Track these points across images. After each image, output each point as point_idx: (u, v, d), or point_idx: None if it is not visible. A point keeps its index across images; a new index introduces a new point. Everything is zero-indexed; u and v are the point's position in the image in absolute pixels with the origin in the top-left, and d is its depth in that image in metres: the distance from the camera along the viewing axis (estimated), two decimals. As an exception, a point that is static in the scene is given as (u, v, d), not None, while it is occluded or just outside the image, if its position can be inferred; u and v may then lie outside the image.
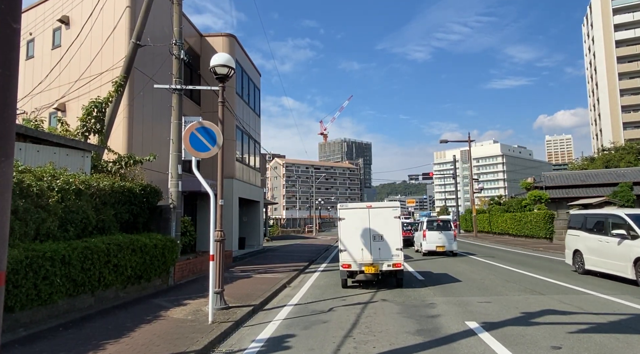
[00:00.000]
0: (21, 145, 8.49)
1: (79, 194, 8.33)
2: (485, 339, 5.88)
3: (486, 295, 9.44)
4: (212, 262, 7.30)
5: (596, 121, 71.00)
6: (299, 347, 5.75)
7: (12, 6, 2.32)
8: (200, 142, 7.62)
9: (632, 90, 65.09)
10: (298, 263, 16.90)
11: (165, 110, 14.51)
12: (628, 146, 48.58)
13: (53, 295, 6.87)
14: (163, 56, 14.64)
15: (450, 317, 7.36)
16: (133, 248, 9.04)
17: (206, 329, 6.42)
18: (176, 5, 11.61)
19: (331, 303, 9.00)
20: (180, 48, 11.55)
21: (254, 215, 25.94)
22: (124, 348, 5.51)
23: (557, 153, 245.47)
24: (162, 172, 14.45)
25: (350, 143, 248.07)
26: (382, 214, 10.74)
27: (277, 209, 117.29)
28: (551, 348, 5.47)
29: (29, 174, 7.36)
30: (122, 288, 9.04)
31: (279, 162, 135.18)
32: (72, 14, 15.95)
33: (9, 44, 2.30)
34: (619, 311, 7.65)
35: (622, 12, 66.62)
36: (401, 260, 10.52)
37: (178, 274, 11.65)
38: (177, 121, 11.43)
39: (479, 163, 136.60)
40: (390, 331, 6.51)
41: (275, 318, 7.59)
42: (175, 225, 11.53)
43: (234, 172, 20.71)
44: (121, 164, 11.87)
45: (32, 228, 7.09)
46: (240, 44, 22.66)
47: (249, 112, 24.20)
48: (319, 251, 24.00)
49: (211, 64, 8.26)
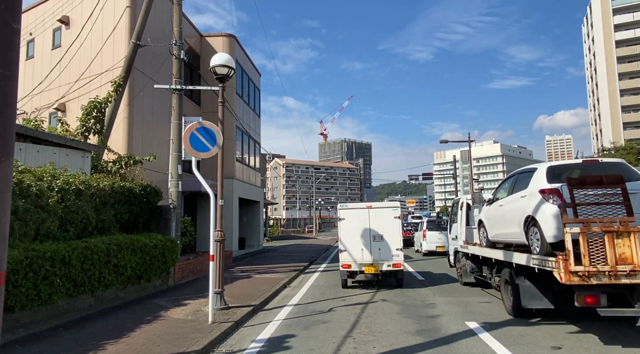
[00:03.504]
0: (21, 145, 8.49)
1: (79, 194, 8.33)
2: (486, 340, 5.89)
3: (486, 295, 9.44)
4: (212, 262, 7.30)
5: (596, 121, 71.00)
6: (299, 347, 5.75)
7: (12, 6, 2.32)
8: (200, 142, 7.62)
9: (632, 90, 65.07)
10: (298, 263, 16.90)
11: (165, 110, 14.51)
12: (628, 146, 48.47)
13: (53, 295, 6.86)
14: (163, 56, 14.65)
15: (451, 317, 7.36)
16: (133, 248, 9.04)
17: (206, 329, 6.42)
18: (176, 5, 11.61)
19: (331, 303, 9.00)
20: (180, 48, 11.55)
21: (254, 215, 25.94)
22: (124, 348, 5.51)
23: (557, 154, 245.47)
24: (162, 172, 14.45)
25: (350, 144, 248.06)
26: (382, 214, 10.74)
27: (277, 209, 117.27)
28: (551, 348, 5.47)
29: (29, 174, 7.36)
30: (122, 288, 9.04)
31: (279, 162, 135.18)
32: (72, 14, 15.95)
33: (9, 44, 2.30)
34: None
35: (622, 12, 66.59)
36: (401, 260, 10.53)
37: (178, 274, 11.65)
38: (177, 121, 11.43)
39: (479, 164, 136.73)
40: (390, 331, 6.51)
41: (275, 318, 7.59)
42: (175, 225, 11.53)
43: (234, 172, 20.71)
44: (121, 164, 11.87)
45: (32, 228, 7.09)
46: (240, 44, 22.67)
47: (249, 112, 24.21)
48: (319, 252, 24.00)
49: (211, 64, 8.26)
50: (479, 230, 9.94)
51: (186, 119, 10.31)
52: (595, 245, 5.41)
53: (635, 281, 5.30)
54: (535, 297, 6.73)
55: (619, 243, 5.35)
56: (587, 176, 6.01)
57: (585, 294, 5.67)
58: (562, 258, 5.47)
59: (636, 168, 7.00)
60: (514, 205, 7.53)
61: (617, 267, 5.28)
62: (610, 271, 5.30)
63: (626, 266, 5.26)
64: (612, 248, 5.34)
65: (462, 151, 53.88)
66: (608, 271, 5.30)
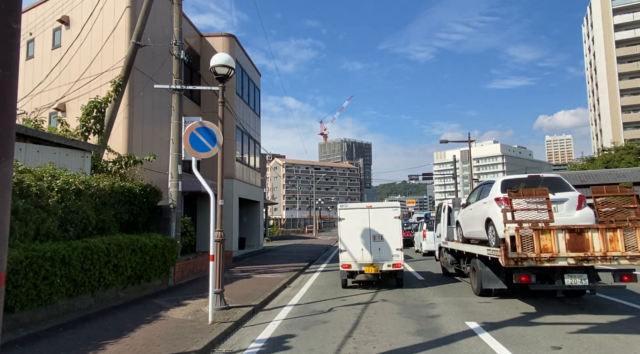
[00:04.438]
0: (21, 145, 8.49)
1: (79, 194, 8.33)
2: (486, 340, 5.89)
3: (486, 295, 9.43)
4: (212, 262, 7.30)
5: (596, 121, 70.98)
6: (299, 347, 5.75)
7: (12, 6, 2.32)
8: (201, 142, 7.62)
9: (632, 91, 65.05)
10: (298, 263, 16.90)
11: (165, 110, 14.51)
12: (628, 146, 48.51)
13: (53, 295, 6.86)
14: (163, 56, 14.65)
15: (451, 317, 7.36)
16: (133, 248, 9.04)
17: (206, 329, 6.42)
18: (176, 5, 11.61)
19: (331, 303, 9.00)
20: (180, 48, 11.55)
21: (254, 215, 25.94)
22: (124, 348, 5.51)
23: (557, 154, 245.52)
24: (162, 172, 14.45)
25: (350, 144, 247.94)
26: (382, 214, 10.74)
27: (277, 209, 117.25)
28: (551, 348, 5.47)
29: (29, 174, 7.36)
30: (122, 288, 9.04)
31: (279, 162, 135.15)
32: (72, 14, 15.95)
33: (9, 44, 2.30)
34: (618, 312, 7.65)
35: (622, 12, 66.57)
36: (401, 260, 10.53)
37: (178, 274, 11.65)
38: (177, 121, 11.43)
39: (479, 164, 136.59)
40: (390, 331, 6.51)
41: (276, 318, 7.59)
42: (175, 225, 11.53)
43: (234, 172, 20.71)
44: (121, 164, 11.87)
45: (32, 228, 7.09)
46: (240, 44, 22.67)
47: (249, 112, 24.21)
48: (319, 252, 24.00)
49: (211, 64, 8.26)
50: (456, 229, 11.72)
51: (186, 119, 10.30)
52: (526, 239, 7.20)
53: (554, 264, 7.18)
54: (492, 280, 8.66)
55: (542, 238, 7.19)
56: (522, 189, 7.78)
57: (520, 274, 7.63)
58: (503, 248, 7.31)
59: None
60: (479, 209, 9.44)
61: (541, 254, 7.10)
62: (536, 257, 7.10)
63: (547, 254, 7.11)
64: (537, 241, 7.16)
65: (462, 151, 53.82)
66: (535, 257, 7.11)
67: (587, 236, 7.12)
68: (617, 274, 7.53)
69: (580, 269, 7.44)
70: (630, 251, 6.93)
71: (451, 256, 11.98)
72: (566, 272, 7.50)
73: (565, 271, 7.49)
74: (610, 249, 7.00)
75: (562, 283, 7.49)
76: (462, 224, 10.97)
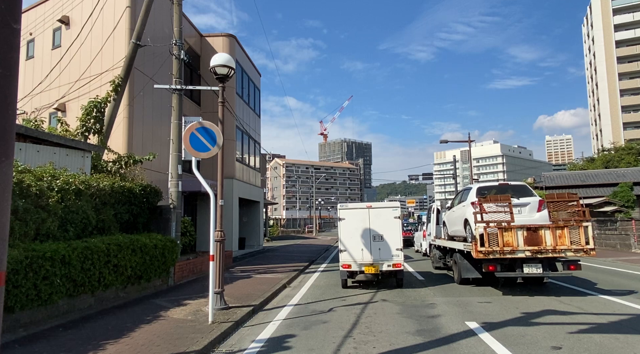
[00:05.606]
0: (21, 145, 8.49)
1: (79, 194, 8.33)
2: (486, 340, 5.88)
3: (486, 295, 9.44)
4: (212, 262, 7.30)
5: (596, 121, 70.97)
6: (299, 347, 5.75)
7: (12, 6, 2.32)
8: (200, 142, 7.62)
9: (632, 91, 65.05)
10: (298, 264, 16.90)
11: (165, 110, 14.52)
12: (628, 146, 48.50)
13: (53, 295, 6.87)
14: (163, 56, 14.65)
15: (451, 317, 7.36)
16: (133, 248, 9.04)
17: (206, 329, 6.42)
18: (176, 5, 11.61)
19: (331, 303, 9.00)
20: (180, 48, 11.55)
21: (254, 215, 25.94)
22: (124, 348, 5.51)
23: (557, 154, 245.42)
24: (162, 172, 14.46)
25: (350, 144, 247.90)
26: (382, 214, 10.74)
27: (277, 209, 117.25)
28: (551, 348, 5.47)
29: (29, 174, 7.36)
30: (122, 288, 9.04)
31: (279, 162, 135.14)
32: (72, 14, 15.95)
33: (9, 44, 2.30)
34: (618, 312, 7.65)
35: (622, 12, 66.57)
36: (401, 260, 10.53)
37: (178, 274, 11.65)
38: (177, 121, 11.43)
39: (479, 164, 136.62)
40: (390, 331, 6.51)
41: (276, 318, 7.59)
42: (175, 225, 11.52)
43: (234, 172, 20.71)
44: (121, 164, 11.87)
45: (32, 228, 7.09)
46: (240, 44, 22.68)
47: (249, 112, 24.21)
48: (319, 252, 24.01)
49: (211, 64, 8.26)
50: (443, 228, 13.58)
51: (186, 119, 10.30)
52: (492, 236, 8.89)
53: (514, 256, 8.91)
54: (469, 270, 10.16)
55: (505, 235, 8.90)
56: (491, 195, 9.48)
57: (488, 264, 9.26)
58: (474, 243, 9.06)
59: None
60: (460, 211, 11.18)
61: (504, 248, 8.83)
62: (500, 250, 8.83)
63: (509, 247, 8.84)
64: (501, 237, 8.88)
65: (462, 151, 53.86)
66: (499, 251, 8.83)
67: (540, 234, 8.82)
68: (566, 263, 9.26)
69: (536, 260, 9.05)
70: (574, 245, 8.71)
71: (439, 252, 13.57)
72: (525, 262, 9.10)
73: (524, 261, 9.09)
74: (559, 244, 8.74)
75: (521, 271, 9.10)
76: (448, 224, 12.72)
